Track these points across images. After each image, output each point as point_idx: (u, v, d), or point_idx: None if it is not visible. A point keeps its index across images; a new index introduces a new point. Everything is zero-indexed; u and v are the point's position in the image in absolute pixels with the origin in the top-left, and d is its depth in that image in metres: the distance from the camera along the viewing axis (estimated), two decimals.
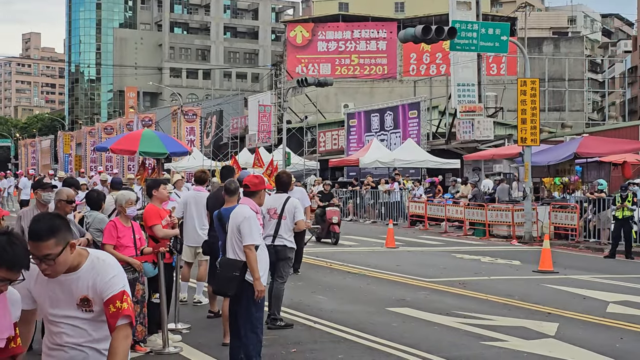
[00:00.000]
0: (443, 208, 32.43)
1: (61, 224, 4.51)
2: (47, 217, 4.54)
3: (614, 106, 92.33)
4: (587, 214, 26.83)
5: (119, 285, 4.57)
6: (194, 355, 10.33)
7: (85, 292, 4.59)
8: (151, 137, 22.92)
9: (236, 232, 9.01)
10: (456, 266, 20.45)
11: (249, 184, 9.44)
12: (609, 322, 12.83)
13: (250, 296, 8.89)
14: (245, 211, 9.09)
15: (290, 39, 73.42)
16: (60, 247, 4.44)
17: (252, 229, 8.95)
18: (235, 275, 8.89)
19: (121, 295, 4.55)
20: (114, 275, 4.60)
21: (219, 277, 9.10)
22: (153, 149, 22.25)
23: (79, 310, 4.64)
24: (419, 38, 26.32)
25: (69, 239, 4.50)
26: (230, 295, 9.00)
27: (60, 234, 4.46)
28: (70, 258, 4.53)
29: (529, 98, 27.59)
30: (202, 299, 13.99)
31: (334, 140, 54.64)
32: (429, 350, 10.57)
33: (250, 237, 8.89)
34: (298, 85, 41.23)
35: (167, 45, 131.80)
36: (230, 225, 9.14)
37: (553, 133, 45.41)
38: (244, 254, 8.93)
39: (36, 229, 4.43)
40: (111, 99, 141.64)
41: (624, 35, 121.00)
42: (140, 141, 22.23)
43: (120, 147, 23.30)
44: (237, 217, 9.04)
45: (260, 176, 9.84)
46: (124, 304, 4.54)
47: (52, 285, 4.62)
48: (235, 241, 9.02)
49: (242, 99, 76.40)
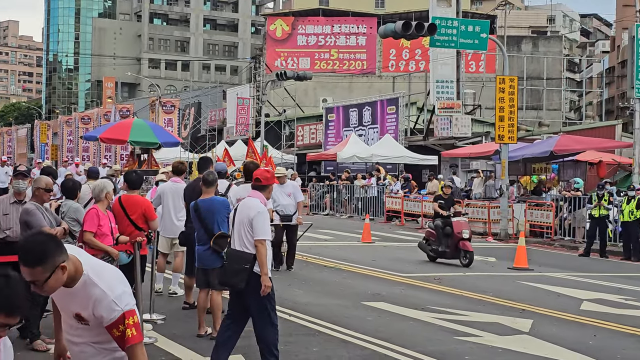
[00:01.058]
0: (419, 204, 32.49)
1: (51, 249, 4.34)
2: (38, 241, 4.35)
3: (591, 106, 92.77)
4: (562, 212, 26.98)
5: (117, 310, 4.45)
6: (169, 346, 10.30)
7: (79, 311, 4.53)
8: (142, 127, 22.48)
9: (247, 224, 8.84)
10: (432, 262, 20.50)
11: (261, 178, 9.20)
12: (582, 320, 12.90)
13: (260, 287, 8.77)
14: (258, 205, 8.93)
15: (270, 32, 73.28)
16: (47, 273, 4.31)
17: (265, 224, 8.86)
18: (245, 267, 8.75)
19: (122, 319, 4.45)
20: (113, 299, 4.46)
21: (227, 269, 8.92)
22: (144, 139, 21.77)
23: (75, 320, 4.61)
24: (399, 34, 26.33)
25: (58, 262, 4.35)
26: (240, 288, 8.80)
27: (49, 261, 4.31)
28: (62, 279, 4.40)
29: (507, 96, 27.69)
30: (178, 290, 13.95)
31: (312, 134, 54.60)
32: (404, 345, 10.58)
33: (263, 231, 8.79)
34: (277, 78, 41.14)
35: (146, 36, 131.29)
36: (240, 217, 8.96)
37: (530, 131, 45.60)
38: (252, 247, 8.80)
39: (24, 254, 4.30)
40: (89, 89, 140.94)
41: (602, 36, 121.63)
42: (130, 130, 21.84)
43: (109, 136, 22.85)
44: (250, 210, 8.86)
45: (271, 170, 9.71)
46: (128, 330, 4.45)
47: None
48: (245, 233, 8.86)
49: (220, 91, 76.19)
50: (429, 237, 20.70)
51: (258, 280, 8.67)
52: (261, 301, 8.74)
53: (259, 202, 9.01)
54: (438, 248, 20.21)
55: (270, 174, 9.44)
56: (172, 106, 60.44)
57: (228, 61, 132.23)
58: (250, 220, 8.79)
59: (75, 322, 4.61)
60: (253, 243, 8.79)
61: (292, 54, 71.89)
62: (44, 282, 4.32)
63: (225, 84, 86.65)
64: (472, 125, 43.97)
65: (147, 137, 21.70)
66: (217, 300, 10.78)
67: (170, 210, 13.69)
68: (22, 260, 4.28)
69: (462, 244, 19.74)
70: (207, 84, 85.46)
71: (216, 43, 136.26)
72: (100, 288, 4.48)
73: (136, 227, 11.08)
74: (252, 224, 8.78)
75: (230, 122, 61.62)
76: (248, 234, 8.83)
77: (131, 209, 11.20)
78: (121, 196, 11.55)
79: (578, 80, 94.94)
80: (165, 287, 14.16)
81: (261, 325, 8.78)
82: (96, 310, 4.46)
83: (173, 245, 13.87)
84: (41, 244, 4.33)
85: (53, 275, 4.33)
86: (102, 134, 22.82)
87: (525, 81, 58.55)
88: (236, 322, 9.01)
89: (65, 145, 72.17)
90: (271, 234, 9.18)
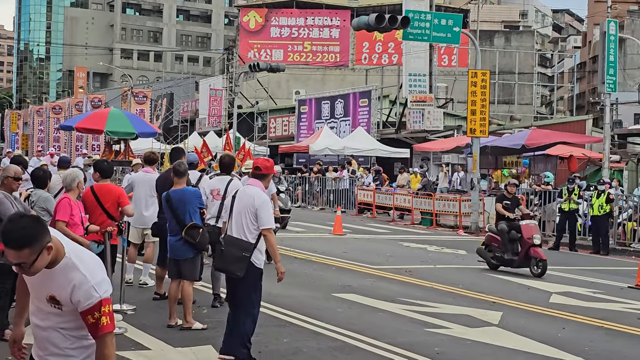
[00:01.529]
0: (391, 196, 32.56)
1: (38, 231, 4.35)
2: (24, 224, 4.34)
3: (562, 101, 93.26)
4: (533, 206, 27.14)
5: (95, 296, 4.44)
6: (139, 336, 10.26)
7: (55, 293, 4.50)
8: (119, 116, 22.16)
9: (250, 213, 8.87)
10: (403, 254, 20.58)
11: (261, 167, 9.22)
12: (551, 312, 13.00)
13: (254, 279, 8.93)
14: (262, 194, 8.98)
15: (243, 24, 73.03)
16: (34, 255, 4.32)
17: (271, 213, 8.94)
18: (245, 256, 8.80)
19: (99, 306, 4.44)
20: (93, 285, 4.45)
21: (225, 255, 8.89)
22: (121, 129, 21.43)
23: (47, 304, 4.58)
24: (372, 26, 26.38)
25: (44, 243, 4.35)
26: (238, 276, 8.84)
27: (37, 243, 4.32)
28: (47, 259, 4.41)
29: (479, 89, 27.80)
30: (148, 280, 13.91)
31: (284, 126, 54.56)
32: (374, 336, 10.62)
33: (269, 220, 8.87)
34: (250, 70, 41.11)
35: (119, 26, 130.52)
36: (240, 205, 8.98)
37: (502, 125, 45.79)
38: (252, 235, 8.86)
39: (11, 237, 4.29)
40: (60, 79, 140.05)
41: (574, 31, 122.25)
42: (107, 120, 21.48)
43: (86, 126, 22.49)
44: (255, 199, 8.89)
45: (271, 160, 9.73)
46: (103, 317, 4.44)
47: None
48: (246, 222, 8.89)
49: (193, 82, 75.91)
50: (490, 243, 18.47)
51: (251, 270, 8.82)
52: (248, 292, 8.88)
53: (260, 190, 9.04)
54: (503, 255, 18.01)
55: (270, 164, 9.48)
56: (144, 97, 60.19)
57: (201, 52, 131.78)
58: (255, 210, 8.84)
59: (47, 305, 4.58)
60: (253, 232, 8.87)
61: (265, 45, 71.69)
62: (32, 264, 4.34)
63: (198, 75, 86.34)
64: (444, 119, 44.11)
65: (124, 127, 21.41)
66: (188, 291, 10.76)
67: (141, 200, 13.65)
68: (9, 243, 4.28)
69: (532, 250, 17.69)
70: (180, 75, 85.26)
71: (189, 34, 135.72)
72: (81, 272, 4.48)
73: (109, 216, 11.05)
74: (258, 213, 8.83)
75: (202, 113, 61.44)
76: (250, 223, 8.88)
77: (104, 198, 11.18)
78: (93, 185, 11.50)
79: (550, 75, 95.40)
80: (135, 278, 14.11)
81: (243, 315, 8.88)
82: (74, 295, 4.44)
83: (144, 236, 13.83)
84: (28, 226, 4.33)
85: (40, 256, 4.34)
86: (79, 123, 22.47)
87: (497, 75, 58.80)
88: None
89: (36, 135, 71.70)
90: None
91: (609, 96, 29.38)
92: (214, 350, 9.58)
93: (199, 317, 11.19)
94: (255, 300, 8.97)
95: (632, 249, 23.68)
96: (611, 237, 24.11)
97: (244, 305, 8.91)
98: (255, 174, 9.23)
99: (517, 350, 10.26)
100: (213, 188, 12.28)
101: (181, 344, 9.83)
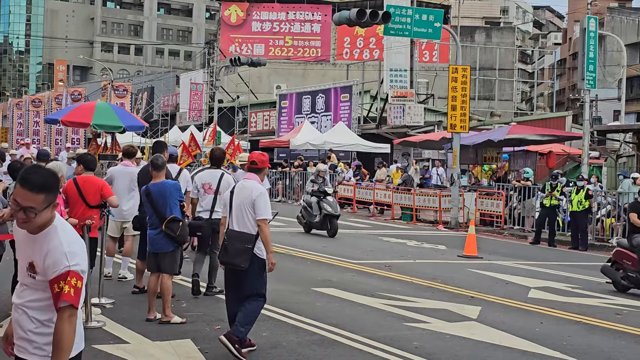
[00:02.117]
0: (371, 191, 32.62)
1: (55, 183, 4.50)
2: (45, 173, 4.48)
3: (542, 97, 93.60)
4: (512, 202, 27.26)
5: (64, 265, 4.43)
6: (117, 330, 10.24)
7: (33, 258, 4.52)
8: (105, 110, 21.45)
9: (248, 205, 9.20)
10: (382, 249, 20.61)
11: (257, 161, 9.59)
12: (529, 307, 13.07)
13: (258, 268, 9.25)
14: (259, 186, 9.33)
15: (224, 18, 72.82)
16: (46, 204, 4.41)
17: (267, 204, 9.25)
18: (248, 247, 9.13)
19: (65, 275, 4.42)
20: (66, 252, 4.46)
21: (229, 249, 9.21)
22: (107, 122, 20.70)
23: (27, 272, 4.58)
24: (353, 21, 26.38)
25: (55, 198, 4.48)
26: (242, 268, 9.15)
27: (52, 193, 4.44)
28: (49, 216, 4.49)
29: (460, 85, 27.87)
30: (128, 274, 13.88)
31: (265, 121, 54.51)
32: (353, 330, 10.64)
33: (266, 212, 9.18)
34: (231, 64, 41.01)
35: (99, 19, 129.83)
36: (239, 199, 9.30)
37: (482, 121, 45.92)
38: (253, 228, 9.19)
39: (32, 179, 4.39)
40: (40, 72, 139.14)
41: (554, 28, 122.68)
42: (94, 113, 20.76)
43: (71, 119, 21.82)
44: (252, 192, 9.23)
45: (266, 154, 10.01)
46: (67, 287, 4.41)
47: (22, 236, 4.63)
48: (246, 214, 9.23)
49: (174, 76, 75.70)
50: (620, 260, 15.68)
51: (255, 260, 9.17)
52: (254, 282, 9.23)
53: (257, 183, 9.38)
54: (638, 276, 15.30)
55: (265, 158, 9.82)
56: (124, 90, 60.07)
57: (182, 46, 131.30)
58: (253, 201, 9.18)
59: (25, 275, 4.59)
60: (254, 224, 9.19)
61: (247, 40, 71.53)
62: (39, 213, 4.41)
63: (178, 69, 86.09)
64: (425, 114, 44.16)
65: (110, 121, 20.74)
66: (167, 285, 10.75)
67: (120, 193, 13.61)
68: (29, 184, 4.38)
69: None
70: (161, 69, 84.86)
71: (170, 28, 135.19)
72: (59, 239, 4.51)
73: (90, 208, 11.04)
74: (255, 204, 9.17)
75: (183, 107, 61.28)
76: (249, 215, 9.22)
77: (86, 190, 11.17)
78: (76, 177, 11.47)
79: (530, 71, 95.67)
80: (115, 272, 14.07)
81: (253, 302, 9.20)
82: (47, 259, 4.47)
83: (123, 229, 13.80)
84: (48, 175, 4.47)
85: (47, 209, 4.43)
86: (64, 116, 21.79)
87: (478, 71, 58.92)
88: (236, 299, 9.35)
89: (15, 128, 71.35)
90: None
91: (588, 93, 29.57)
92: (193, 344, 9.59)
93: (178, 311, 11.19)
94: (262, 286, 9.32)
95: (610, 245, 23.80)
96: (590, 233, 24.24)
97: (251, 295, 9.22)
98: (252, 168, 9.59)
99: (496, 345, 10.31)
100: (205, 182, 12.62)
101: (160, 338, 9.82)
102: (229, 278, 9.51)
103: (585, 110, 29.70)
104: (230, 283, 9.50)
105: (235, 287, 9.38)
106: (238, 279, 9.32)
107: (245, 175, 9.70)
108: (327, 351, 9.63)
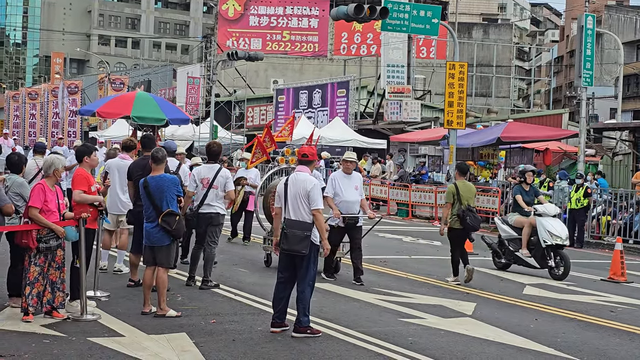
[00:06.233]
0: (367, 187, 32.60)
1: None
2: None
3: (539, 94, 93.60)
4: (508, 199, 27.26)
5: None
6: (112, 322, 10.25)
7: None
8: (146, 100, 19.96)
9: (304, 197, 9.97)
10: (378, 244, 20.60)
11: (308, 154, 10.45)
12: (524, 304, 13.10)
13: (314, 253, 10.07)
14: (312, 178, 10.14)
15: (222, 12, 72.72)
16: None
17: (320, 195, 10.09)
18: (307, 235, 9.89)
19: None
20: None
21: (290, 237, 9.88)
22: (149, 114, 19.29)
23: None
24: (351, 16, 26.34)
25: None
26: (303, 254, 9.87)
27: None
28: None
29: (457, 81, 27.83)
30: (123, 267, 13.88)
31: (262, 115, 54.41)
32: (348, 325, 10.66)
33: (320, 201, 10.02)
34: (228, 58, 40.95)
35: (97, 12, 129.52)
36: (294, 190, 10.03)
37: (479, 118, 45.91)
38: (309, 216, 9.96)
39: None
40: (37, 64, 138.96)
41: (552, 25, 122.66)
42: (133, 104, 19.25)
43: (109, 110, 19.74)
44: (307, 183, 10.02)
45: (314, 147, 11.03)
46: None
47: None
48: (301, 205, 9.99)
49: (171, 70, 75.64)
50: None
51: (311, 246, 9.95)
52: (309, 266, 10.01)
53: (309, 175, 10.20)
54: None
55: (314, 150, 10.86)
56: (121, 83, 59.93)
57: (179, 40, 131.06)
58: (308, 192, 9.98)
59: None
60: (309, 212, 9.96)
61: (244, 34, 71.43)
62: None
63: (175, 63, 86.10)
64: (422, 111, 44.16)
65: (152, 113, 19.23)
66: (162, 278, 10.76)
67: (117, 187, 13.62)
68: None
69: None
70: (158, 63, 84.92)
71: (167, 21, 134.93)
72: None
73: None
74: (310, 195, 9.98)
75: (180, 101, 61.11)
76: (305, 205, 9.99)
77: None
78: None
79: (527, 68, 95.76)
80: (110, 265, 14.07)
81: (303, 286, 10.01)
82: None
83: (119, 222, 13.80)
84: None
85: None
86: (101, 107, 19.84)
87: (475, 68, 58.94)
88: (290, 281, 10.19)
89: (11, 120, 71.23)
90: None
91: (585, 90, 29.49)
92: (188, 337, 9.60)
93: (173, 305, 11.19)
94: (314, 272, 10.14)
95: (605, 242, 23.85)
96: (585, 231, 24.27)
97: (304, 278, 10.01)
98: (302, 161, 10.44)
99: (490, 341, 10.33)
100: (203, 177, 12.91)
101: (155, 331, 9.83)
102: (286, 261, 10.14)
103: (582, 107, 29.63)
104: (285, 265, 10.16)
105: (292, 269, 10.10)
106: (295, 262, 10.04)
107: (298, 168, 10.41)
108: (322, 346, 9.64)
